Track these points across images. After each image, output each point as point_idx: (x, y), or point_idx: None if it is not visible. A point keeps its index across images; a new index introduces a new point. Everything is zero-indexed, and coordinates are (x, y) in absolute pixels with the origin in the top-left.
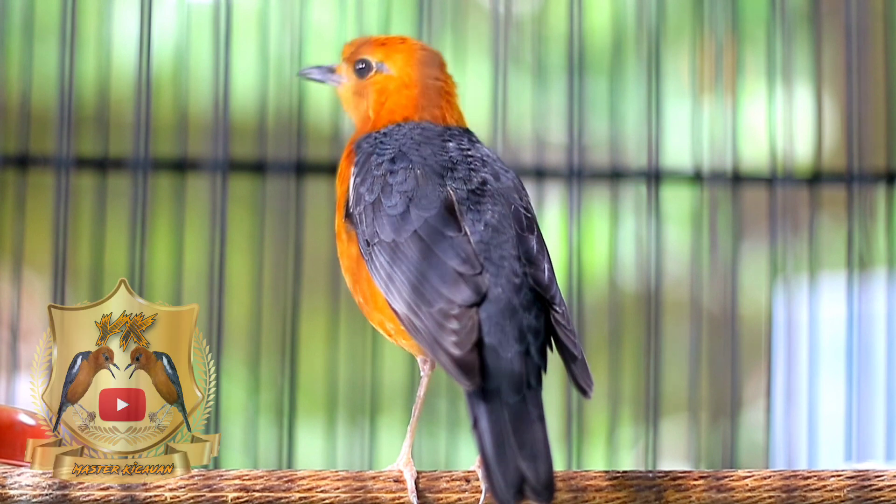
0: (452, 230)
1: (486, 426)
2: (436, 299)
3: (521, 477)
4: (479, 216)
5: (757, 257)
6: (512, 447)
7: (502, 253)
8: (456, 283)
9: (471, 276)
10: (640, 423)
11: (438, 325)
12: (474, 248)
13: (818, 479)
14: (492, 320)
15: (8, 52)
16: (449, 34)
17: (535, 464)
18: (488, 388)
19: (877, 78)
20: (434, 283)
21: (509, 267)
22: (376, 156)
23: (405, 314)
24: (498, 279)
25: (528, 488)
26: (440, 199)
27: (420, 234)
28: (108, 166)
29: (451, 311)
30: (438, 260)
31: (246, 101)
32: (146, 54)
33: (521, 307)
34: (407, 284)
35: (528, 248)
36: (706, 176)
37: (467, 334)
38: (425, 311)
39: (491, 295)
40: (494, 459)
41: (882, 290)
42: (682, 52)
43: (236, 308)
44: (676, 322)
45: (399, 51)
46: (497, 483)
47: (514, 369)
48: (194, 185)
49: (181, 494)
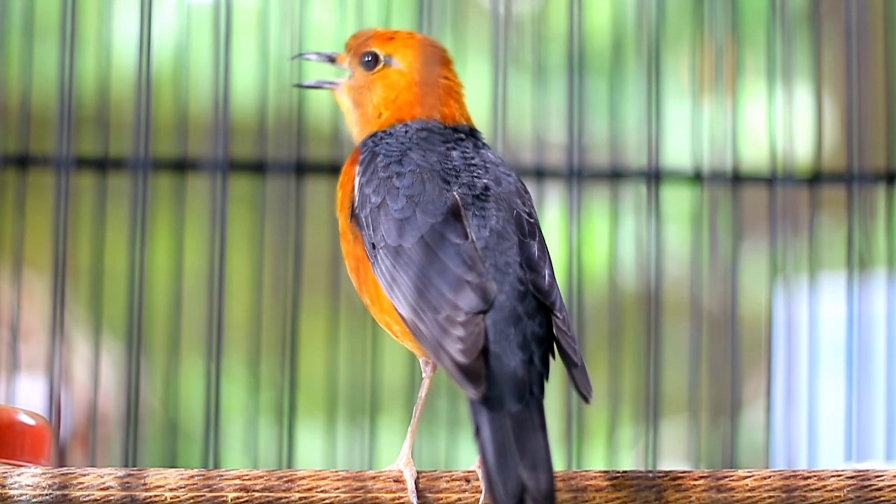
0: (458, 236)
1: (488, 435)
2: (442, 306)
3: (521, 486)
4: (483, 222)
5: (757, 257)
6: (513, 456)
7: (507, 259)
8: (462, 290)
9: (477, 283)
10: (640, 423)
11: (444, 331)
12: (480, 255)
13: (818, 479)
14: (497, 328)
15: (8, 52)
16: (449, 34)
17: (535, 473)
18: (491, 396)
19: (877, 78)
20: (441, 290)
21: (514, 274)
22: (382, 156)
23: (410, 319)
24: (503, 286)
25: (529, 498)
26: (446, 205)
27: (427, 239)
28: (108, 166)
29: (457, 318)
30: (444, 266)
31: (246, 101)
32: (146, 54)
33: (525, 315)
34: (413, 290)
35: (529, 253)
36: (706, 176)
37: (474, 342)
38: (431, 317)
39: (496, 302)
40: (496, 468)
41: (882, 290)
42: (682, 52)
43: (236, 308)
44: (676, 322)
45: (409, 46)
46: (498, 492)
47: (517, 377)
48: (194, 185)
49: (181, 494)
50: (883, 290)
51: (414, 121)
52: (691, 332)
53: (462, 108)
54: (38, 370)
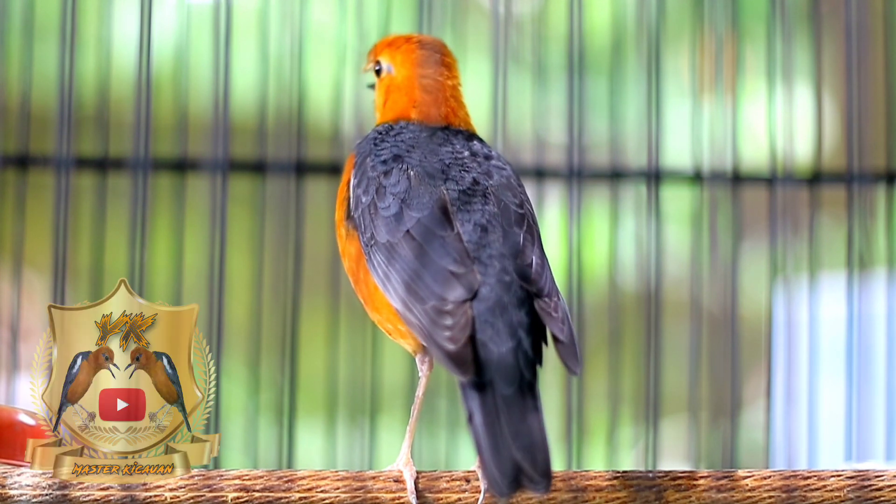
0: (445, 230)
1: (480, 419)
2: (429, 297)
3: (517, 467)
4: (469, 215)
5: (757, 257)
6: (507, 438)
7: (491, 251)
8: (448, 282)
9: (462, 274)
10: (640, 423)
11: (432, 321)
12: (465, 247)
13: (818, 479)
14: (482, 317)
15: (8, 52)
16: (449, 34)
17: (531, 453)
18: (482, 382)
19: (877, 78)
20: (427, 282)
21: (499, 264)
22: (372, 157)
23: (402, 311)
24: (487, 277)
25: (525, 477)
26: (433, 200)
27: (413, 233)
28: (108, 166)
29: (444, 308)
30: (430, 259)
31: (246, 101)
32: (146, 54)
33: (511, 304)
34: (402, 283)
35: (514, 243)
36: (706, 176)
37: (461, 329)
38: (420, 308)
39: (481, 293)
40: (489, 451)
41: (882, 290)
42: (682, 51)
43: (236, 308)
44: (676, 322)
45: (400, 51)
46: (492, 474)
47: (506, 363)
48: (194, 185)
49: (181, 494)
50: (883, 290)
51: (409, 122)
52: (691, 332)
53: (460, 107)
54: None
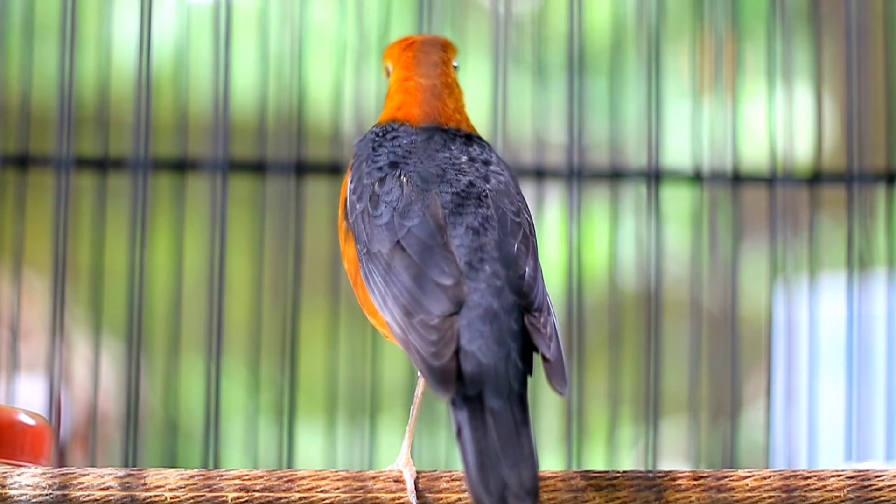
0: (434, 238)
1: (468, 435)
2: (416, 310)
3: (503, 484)
4: (462, 218)
5: (757, 257)
6: (495, 454)
7: (482, 256)
8: (434, 294)
9: (450, 285)
10: (640, 423)
11: (419, 335)
12: (455, 255)
13: (818, 479)
14: (471, 326)
15: (8, 52)
16: (449, 34)
17: (518, 470)
18: (470, 395)
19: (877, 78)
20: (414, 295)
21: (490, 271)
22: (368, 163)
23: (389, 322)
24: (477, 284)
25: (510, 495)
26: (425, 208)
27: (403, 244)
28: (108, 166)
29: (430, 322)
30: (419, 271)
31: (246, 101)
32: (146, 54)
33: (501, 312)
34: (390, 295)
35: (508, 251)
36: (706, 176)
37: (445, 344)
38: (406, 321)
39: (470, 301)
40: (476, 469)
41: (882, 290)
42: (682, 51)
43: (236, 308)
44: (676, 322)
45: (396, 54)
46: (478, 492)
47: (495, 374)
48: (194, 185)
49: (181, 494)
50: (883, 290)
51: (407, 124)
52: (691, 332)
53: (459, 108)
54: (38, 370)
